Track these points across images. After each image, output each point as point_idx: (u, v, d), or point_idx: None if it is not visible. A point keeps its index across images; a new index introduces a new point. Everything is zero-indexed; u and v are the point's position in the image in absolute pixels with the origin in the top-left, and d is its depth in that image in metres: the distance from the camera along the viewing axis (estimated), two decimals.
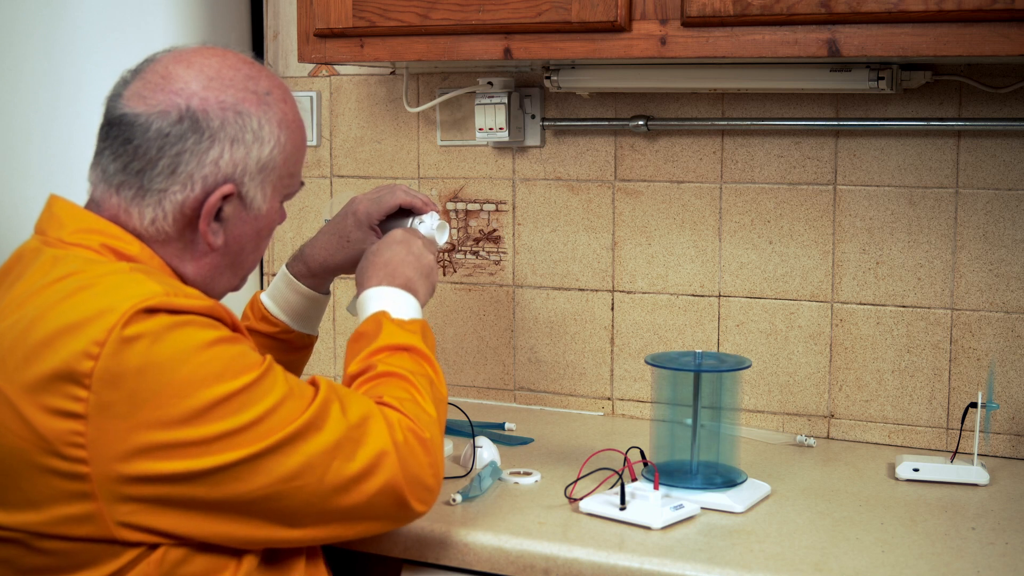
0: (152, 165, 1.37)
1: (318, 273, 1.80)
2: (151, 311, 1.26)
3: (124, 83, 1.41)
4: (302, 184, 1.53)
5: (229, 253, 1.45)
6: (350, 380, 1.51)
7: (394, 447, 1.38)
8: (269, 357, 1.35)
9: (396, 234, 1.68)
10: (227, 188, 1.39)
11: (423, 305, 1.62)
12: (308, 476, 1.32)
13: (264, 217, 1.46)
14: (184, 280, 1.43)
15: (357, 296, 1.63)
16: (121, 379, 1.24)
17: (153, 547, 1.29)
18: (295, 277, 1.80)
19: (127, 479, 1.25)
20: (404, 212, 1.84)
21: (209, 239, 1.41)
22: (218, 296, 1.50)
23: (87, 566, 1.29)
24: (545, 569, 1.55)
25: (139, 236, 1.40)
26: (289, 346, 1.82)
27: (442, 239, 1.81)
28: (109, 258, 1.37)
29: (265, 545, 1.37)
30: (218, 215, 1.41)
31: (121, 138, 1.38)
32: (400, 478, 1.38)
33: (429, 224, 1.80)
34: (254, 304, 1.83)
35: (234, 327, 1.36)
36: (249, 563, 1.37)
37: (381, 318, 1.55)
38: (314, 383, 1.40)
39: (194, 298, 1.32)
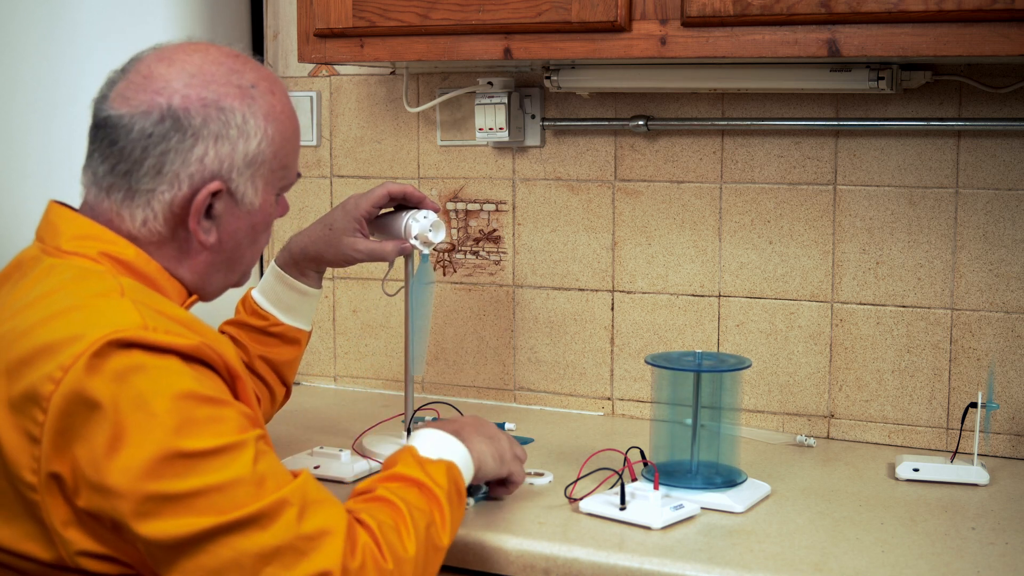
0: (138, 166, 1.36)
1: (300, 260, 1.82)
2: (126, 345, 1.21)
3: (111, 84, 1.40)
4: (299, 175, 1.52)
5: (224, 250, 1.44)
6: (351, 496, 1.42)
7: (342, 572, 1.23)
8: (251, 436, 1.25)
9: (487, 428, 1.60)
10: (215, 185, 1.38)
11: (477, 469, 1.54)
12: (233, 575, 1.20)
13: (258, 212, 1.44)
14: (181, 282, 1.42)
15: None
16: (75, 409, 1.20)
17: None
18: (280, 266, 1.83)
19: (70, 508, 1.22)
20: (400, 208, 1.84)
21: (200, 237, 1.40)
22: (215, 294, 1.49)
23: None
24: (545, 569, 1.55)
25: (134, 239, 1.38)
26: (280, 340, 1.83)
27: (437, 238, 1.81)
28: (107, 265, 1.35)
29: None
30: (209, 212, 1.40)
31: (107, 140, 1.38)
32: None
33: (424, 223, 1.80)
34: (245, 299, 1.85)
35: (229, 373, 1.30)
36: None
37: (405, 451, 1.47)
38: (295, 477, 1.29)
39: (175, 335, 1.25)
